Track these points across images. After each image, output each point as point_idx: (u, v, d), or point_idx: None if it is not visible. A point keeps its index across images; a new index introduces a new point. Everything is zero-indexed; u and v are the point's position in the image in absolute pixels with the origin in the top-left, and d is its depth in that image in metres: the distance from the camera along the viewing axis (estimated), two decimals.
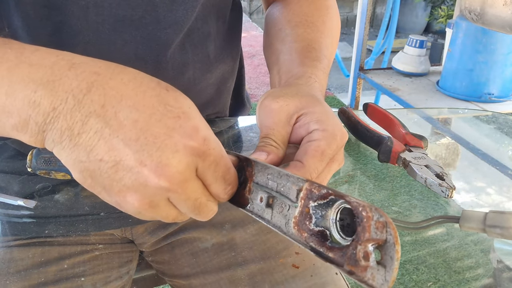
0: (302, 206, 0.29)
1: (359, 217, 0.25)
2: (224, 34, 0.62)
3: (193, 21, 0.55)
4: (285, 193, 0.31)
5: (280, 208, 0.31)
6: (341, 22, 0.59)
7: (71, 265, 0.51)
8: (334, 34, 0.57)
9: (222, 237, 0.55)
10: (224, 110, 0.70)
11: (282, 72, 0.49)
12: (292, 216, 0.30)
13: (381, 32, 2.90)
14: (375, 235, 0.24)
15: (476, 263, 0.72)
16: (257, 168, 0.33)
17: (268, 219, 0.32)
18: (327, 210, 0.28)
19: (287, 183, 0.31)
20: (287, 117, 0.38)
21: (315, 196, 0.29)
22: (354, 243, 0.25)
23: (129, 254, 0.57)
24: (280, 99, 0.38)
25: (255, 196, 0.33)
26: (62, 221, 0.52)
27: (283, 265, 0.53)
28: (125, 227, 0.55)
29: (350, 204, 0.26)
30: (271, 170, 0.32)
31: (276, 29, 0.57)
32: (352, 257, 0.25)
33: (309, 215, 0.29)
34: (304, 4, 0.58)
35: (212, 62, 0.61)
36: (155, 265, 0.60)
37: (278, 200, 0.31)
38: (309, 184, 0.29)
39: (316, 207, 0.28)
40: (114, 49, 0.51)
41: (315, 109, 0.38)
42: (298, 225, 0.29)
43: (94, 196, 0.32)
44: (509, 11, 1.56)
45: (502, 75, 1.94)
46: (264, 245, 0.54)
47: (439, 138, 0.93)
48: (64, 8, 0.48)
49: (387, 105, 1.39)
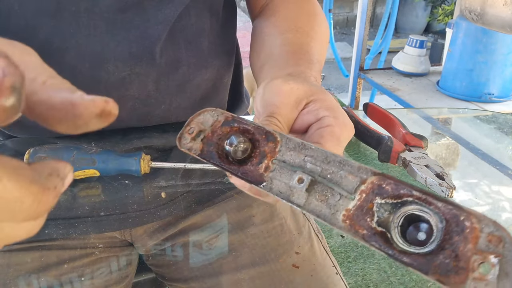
0: (363, 200, 0.27)
1: (459, 226, 0.24)
2: (218, 31, 0.62)
3: (186, 17, 0.56)
4: (336, 181, 0.28)
5: (323, 196, 0.28)
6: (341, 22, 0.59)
7: (70, 269, 0.51)
8: (323, 40, 0.56)
9: (221, 241, 0.55)
10: (222, 106, 0.70)
11: (276, 69, 0.47)
12: (343, 208, 0.27)
13: (379, 32, 2.91)
14: (487, 248, 0.23)
15: None
16: (287, 146, 0.31)
17: (299, 203, 0.29)
18: (395, 212, 0.26)
19: (340, 170, 0.28)
20: (296, 100, 0.36)
21: (385, 193, 0.26)
22: (447, 251, 0.24)
23: (129, 258, 0.57)
24: (291, 82, 0.37)
25: (279, 175, 0.30)
26: (61, 223, 0.52)
27: (283, 265, 0.52)
28: (124, 228, 0.55)
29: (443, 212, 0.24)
30: (313, 152, 0.30)
31: (264, 35, 0.56)
32: (443, 266, 0.23)
33: (372, 211, 0.26)
34: (292, 11, 0.57)
35: (206, 57, 0.61)
36: (154, 269, 0.60)
37: (321, 187, 0.29)
38: (378, 178, 0.27)
39: (382, 205, 0.26)
40: (107, 49, 0.51)
41: (325, 97, 0.37)
42: (353, 220, 0.27)
43: (92, 196, 0.31)
44: (509, 11, 1.56)
45: (502, 75, 1.94)
46: (264, 249, 0.54)
47: (439, 138, 0.93)
48: (56, 15, 0.48)
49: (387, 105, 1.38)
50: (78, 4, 0.49)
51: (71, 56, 0.50)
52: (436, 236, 0.24)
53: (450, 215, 0.24)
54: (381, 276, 1.26)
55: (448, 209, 0.24)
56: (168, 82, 0.58)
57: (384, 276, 1.25)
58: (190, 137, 0.34)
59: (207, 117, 0.35)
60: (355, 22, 2.41)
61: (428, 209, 0.25)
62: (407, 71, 2.27)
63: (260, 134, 0.32)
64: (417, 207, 0.25)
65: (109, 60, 0.51)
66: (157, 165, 0.55)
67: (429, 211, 0.25)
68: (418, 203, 0.25)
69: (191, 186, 0.58)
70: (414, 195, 0.26)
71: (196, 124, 0.35)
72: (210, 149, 0.33)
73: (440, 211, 0.24)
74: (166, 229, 0.57)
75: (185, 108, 0.62)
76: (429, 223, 0.25)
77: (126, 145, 0.60)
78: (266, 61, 0.50)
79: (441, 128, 0.99)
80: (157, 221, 0.55)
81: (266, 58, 0.51)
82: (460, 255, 0.23)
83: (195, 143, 0.34)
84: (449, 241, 0.24)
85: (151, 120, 0.60)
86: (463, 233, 0.23)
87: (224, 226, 0.56)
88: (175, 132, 0.65)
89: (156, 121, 0.61)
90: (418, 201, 0.25)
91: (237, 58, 0.71)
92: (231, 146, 0.32)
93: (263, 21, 0.59)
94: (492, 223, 0.23)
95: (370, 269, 1.29)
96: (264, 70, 0.50)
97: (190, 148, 0.34)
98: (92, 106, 0.22)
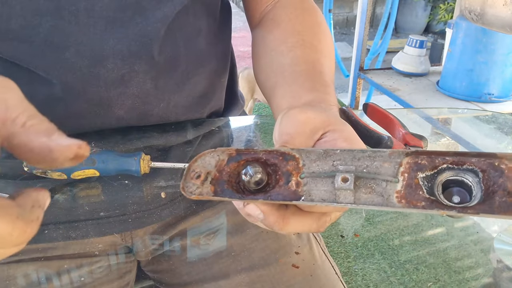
0: (407, 179, 0.29)
1: (498, 171, 0.27)
2: (215, 31, 0.63)
3: (184, 16, 0.56)
4: (374, 172, 0.30)
5: (369, 188, 0.30)
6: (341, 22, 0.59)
7: (70, 279, 0.51)
8: (330, 51, 0.56)
9: (220, 243, 0.55)
10: (219, 104, 0.70)
11: (292, 96, 0.46)
12: (393, 191, 0.29)
13: (379, 32, 2.91)
14: None
15: (476, 263, 0.72)
16: (309, 158, 0.32)
17: (349, 201, 0.30)
18: (434, 182, 0.28)
19: (374, 162, 0.30)
20: (312, 130, 0.36)
21: (424, 167, 0.29)
22: (499, 192, 0.26)
23: (128, 265, 0.57)
24: (309, 111, 0.37)
25: (315, 185, 0.31)
26: (61, 226, 0.52)
27: (283, 268, 0.52)
28: (125, 231, 0.55)
29: (480, 166, 0.27)
30: (339, 155, 0.31)
31: (269, 50, 0.55)
32: (503, 204, 0.26)
33: (419, 185, 0.29)
34: (296, 22, 0.56)
35: (204, 56, 0.62)
36: (152, 275, 0.59)
37: (363, 181, 0.30)
38: (412, 157, 0.29)
39: (426, 178, 0.29)
40: (107, 47, 0.51)
41: (344, 127, 0.36)
42: (407, 198, 0.29)
43: (92, 196, 0.31)
44: (509, 11, 1.56)
45: (502, 75, 1.94)
46: (263, 252, 0.54)
47: (439, 138, 0.93)
48: (55, 14, 0.49)
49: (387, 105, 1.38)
50: (78, 3, 0.49)
51: (71, 54, 0.50)
52: (477, 190, 0.27)
53: (485, 166, 0.27)
54: (381, 276, 1.26)
55: (481, 162, 0.27)
56: (167, 80, 0.58)
57: (384, 276, 1.25)
58: (198, 182, 0.33)
59: (207, 159, 0.34)
60: (355, 22, 2.41)
61: (461, 171, 0.28)
62: (407, 71, 2.27)
63: (275, 158, 0.33)
64: (450, 173, 0.28)
65: (108, 57, 0.51)
66: (157, 165, 0.55)
67: (462, 172, 0.28)
68: (453, 169, 0.28)
69: None
70: (448, 160, 0.28)
71: (199, 168, 0.34)
72: (224, 187, 0.33)
73: (475, 166, 0.28)
74: (166, 230, 0.57)
75: (183, 106, 0.62)
76: (464, 183, 0.28)
77: (126, 145, 0.60)
78: (277, 82, 0.50)
79: (441, 128, 0.99)
80: (157, 222, 0.55)
81: (276, 77, 0.51)
82: (511, 191, 0.26)
83: (204, 187, 0.33)
84: (496, 185, 0.27)
85: (151, 119, 0.61)
86: (503, 175, 0.27)
87: (223, 225, 0.56)
88: (175, 132, 0.65)
89: (155, 120, 0.61)
90: (453, 166, 0.28)
91: (231, 59, 0.72)
92: (249, 176, 0.32)
93: (266, 33, 0.57)
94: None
95: (370, 269, 1.29)
96: (277, 93, 0.49)
97: (201, 193, 0.33)
98: (67, 151, 0.25)
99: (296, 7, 0.58)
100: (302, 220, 0.33)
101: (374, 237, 1.39)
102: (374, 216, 1.47)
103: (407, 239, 1.39)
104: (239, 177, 0.33)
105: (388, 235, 1.39)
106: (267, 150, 0.33)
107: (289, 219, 0.32)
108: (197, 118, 0.66)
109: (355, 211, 1.48)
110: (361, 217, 1.46)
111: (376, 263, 1.32)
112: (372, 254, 1.37)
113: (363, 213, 1.46)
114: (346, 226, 1.45)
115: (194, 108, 0.65)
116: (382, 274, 1.28)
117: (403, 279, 0.95)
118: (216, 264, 0.54)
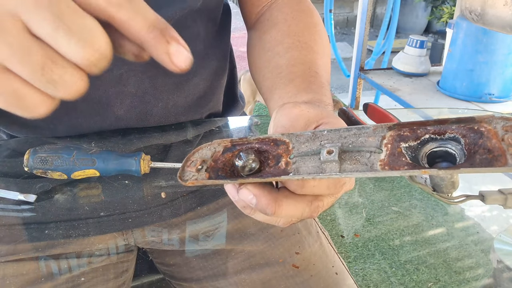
0: (390, 149, 0.30)
1: (478, 133, 0.28)
2: (213, 34, 0.63)
3: (183, 20, 0.56)
4: (359, 146, 0.31)
5: (354, 159, 0.31)
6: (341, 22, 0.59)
7: (66, 280, 0.51)
8: (326, 52, 0.56)
9: (233, 245, 0.55)
10: (218, 105, 0.71)
11: (286, 97, 0.47)
12: (377, 160, 0.30)
13: (381, 32, 2.91)
14: (506, 133, 0.27)
15: (476, 263, 0.72)
16: (299, 141, 0.33)
17: (335, 171, 0.31)
18: (419, 152, 0.30)
19: (359, 138, 0.31)
20: (306, 123, 0.37)
21: (406, 138, 0.30)
22: (480, 151, 0.27)
23: (125, 264, 0.57)
24: (303, 105, 0.38)
25: (303, 163, 0.32)
26: (62, 225, 0.52)
27: (297, 263, 0.52)
28: (125, 230, 0.55)
29: (462, 132, 0.28)
30: (327, 136, 0.32)
31: (266, 50, 0.55)
32: (484, 160, 0.27)
33: (402, 153, 0.30)
34: (292, 23, 0.56)
35: (204, 58, 0.62)
36: (163, 268, 0.59)
37: (349, 154, 0.31)
38: (395, 130, 0.31)
39: (408, 147, 0.30)
40: None
41: (336, 120, 0.37)
42: (390, 164, 0.30)
43: (92, 196, 0.31)
44: (509, 11, 1.56)
45: (503, 75, 1.94)
46: (273, 249, 0.54)
47: None
48: None
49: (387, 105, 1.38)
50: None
51: None
52: (460, 157, 0.28)
53: (465, 131, 0.29)
54: (381, 276, 1.26)
55: (461, 127, 0.29)
56: (165, 80, 0.58)
57: (384, 276, 1.25)
58: (193, 170, 0.34)
59: (204, 151, 0.36)
60: (355, 22, 2.41)
61: (444, 141, 0.29)
62: (408, 71, 2.27)
63: (267, 144, 0.34)
64: (433, 144, 0.29)
65: (113, 59, 0.52)
66: (157, 165, 0.55)
67: (445, 142, 0.29)
68: (435, 139, 0.29)
69: (191, 187, 0.58)
70: (430, 130, 0.30)
71: (196, 158, 0.35)
72: (218, 174, 0.34)
73: (456, 133, 0.29)
74: (165, 231, 0.57)
75: (182, 107, 0.62)
76: (448, 152, 0.29)
77: (126, 145, 0.60)
78: (274, 83, 0.50)
79: None
80: (157, 222, 0.55)
81: (273, 78, 0.51)
82: (492, 149, 0.27)
83: (200, 174, 0.34)
84: (477, 146, 0.28)
85: (150, 120, 0.61)
86: (483, 136, 0.28)
87: (225, 219, 0.56)
88: (175, 131, 0.65)
89: (155, 120, 0.61)
90: (435, 136, 0.29)
91: (231, 61, 0.72)
92: (242, 161, 0.33)
93: (263, 34, 0.58)
94: (500, 119, 0.28)
95: (370, 269, 1.29)
96: (273, 94, 0.50)
97: (196, 178, 0.34)
98: None
99: (293, 8, 0.58)
100: (295, 203, 0.33)
101: (375, 237, 1.39)
102: (375, 216, 1.47)
103: (407, 239, 1.39)
104: (233, 166, 0.34)
105: (389, 235, 1.39)
106: (259, 138, 0.34)
107: (282, 201, 0.32)
108: (196, 119, 0.67)
109: (356, 212, 1.48)
110: (362, 217, 1.46)
111: (377, 263, 1.32)
112: (372, 254, 1.37)
113: (364, 213, 1.46)
114: (347, 226, 1.45)
115: (193, 109, 0.65)
116: (383, 274, 1.28)
117: (404, 279, 0.95)
118: (230, 259, 0.54)
